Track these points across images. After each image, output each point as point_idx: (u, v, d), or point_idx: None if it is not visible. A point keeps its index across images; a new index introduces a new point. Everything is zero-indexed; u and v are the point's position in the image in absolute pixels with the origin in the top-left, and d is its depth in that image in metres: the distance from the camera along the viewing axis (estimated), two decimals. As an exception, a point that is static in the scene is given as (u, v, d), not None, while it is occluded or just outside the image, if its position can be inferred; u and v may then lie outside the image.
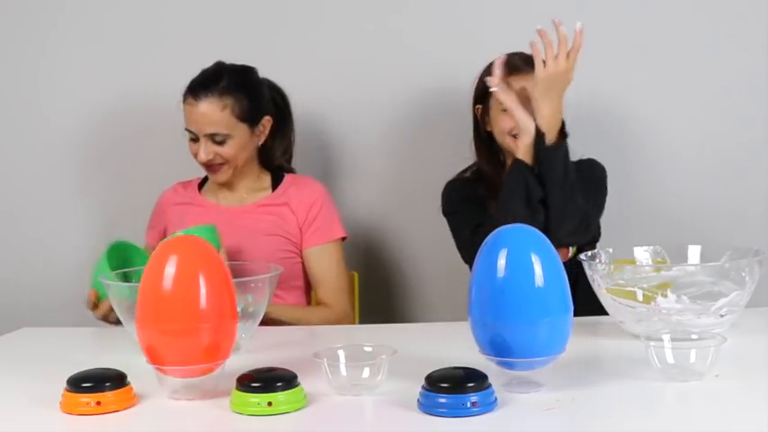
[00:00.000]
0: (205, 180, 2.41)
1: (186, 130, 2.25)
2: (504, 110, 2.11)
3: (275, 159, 2.40)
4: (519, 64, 2.13)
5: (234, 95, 2.22)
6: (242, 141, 2.25)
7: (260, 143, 2.32)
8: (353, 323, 2.36)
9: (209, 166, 2.27)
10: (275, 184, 2.36)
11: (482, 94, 2.18)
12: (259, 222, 2.29)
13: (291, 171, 2.44)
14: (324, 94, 2.64)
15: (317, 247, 2.30)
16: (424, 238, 2.57)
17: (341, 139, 2.65)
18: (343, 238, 2.34)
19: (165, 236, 2.31)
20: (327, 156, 2.65)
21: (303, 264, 2.32)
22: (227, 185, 2.34)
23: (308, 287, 2.36)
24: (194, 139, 2.25)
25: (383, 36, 2.61)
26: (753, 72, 2.52)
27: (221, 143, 2.23)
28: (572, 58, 2.01)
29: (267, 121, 2.30)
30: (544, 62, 2.00)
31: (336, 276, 2.30)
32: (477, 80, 2.21)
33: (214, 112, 2.20)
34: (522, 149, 2.05)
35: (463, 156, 2.29)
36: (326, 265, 2.30)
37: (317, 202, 2.32)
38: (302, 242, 2.31)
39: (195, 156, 2.26)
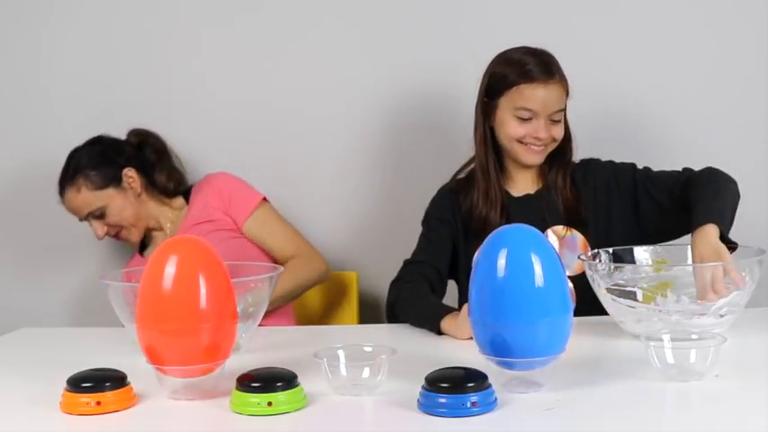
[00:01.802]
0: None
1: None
2: (523, 117, 2.07)
3: (169, 190, 2.46)
4: (534, 71, 2.07)
5: (81, 174, 2.36)
6: (118, 203, 2.37)
7: (138, 192, 2.40)
8: (329, 269, 2.42)
9: (115, 238, 2.42)
10: (187, 198, 2.46)
11: (492, 88, 2.12)
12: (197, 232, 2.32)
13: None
14: (322, 94, 2.64)
15: (250, 218, 2.38)
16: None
17: (340, 139, 2.65)
18: (264, 199, 2.41)
19: None
20: (326, 157, 2.65)
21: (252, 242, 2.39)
22: (150, 236, 2.46)
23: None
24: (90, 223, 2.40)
25: (377, 36, 2.61)
26: (753, 72, 2.52)
27: (102, 216, 2.37)
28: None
29: (129, 171, 2.39)
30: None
31: (282, 230, 2.39)
32: (487, 69, 2.15)
33: (74, 198, 2.37)
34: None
35: (460, 157, 2.28)
36: (266, 225, 2.38)
37: (224, 185, 2.41)
38: (236, 223, 2.38)
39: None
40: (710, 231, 1.83)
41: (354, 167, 2.66)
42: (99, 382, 1.44)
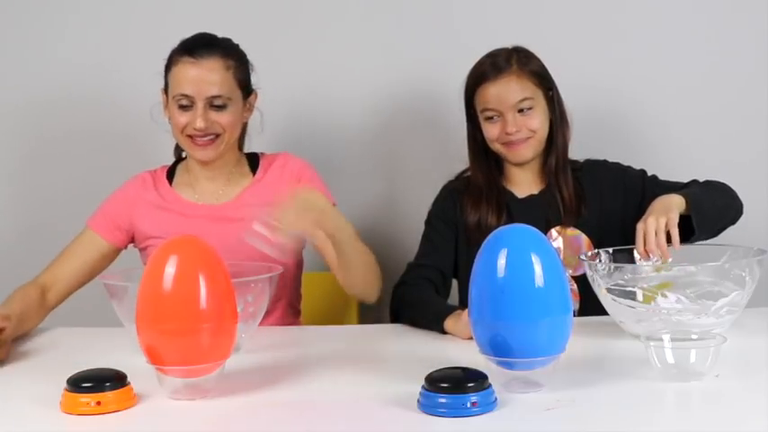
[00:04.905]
0: (172, 172, 2.21)
1: (176, 96, 2.05)
2: (489, 117, 2.10)
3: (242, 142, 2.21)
4: (486, 71, 2.10)
5: (234, 58, 2.08)
6: (237, 111, 2.08)
7: (245, 121, 2.14)
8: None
9: (199, 138, 2.06)
10: (252, 167, 2.19)
11: (466, 98, 2.16)
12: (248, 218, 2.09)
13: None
14: (322, 92, 2.64)
15: None
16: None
17: (338, 138, 2.65)
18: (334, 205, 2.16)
19: (129, 236, 2.17)
20: (326, 155, 2.65)
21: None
22: (208, 170, 2.14)
23: (298, 279, 2.27)
24: (185, 107, 2.05)
25: (375, 35, 2.62)
26: (753, 72, 2.52)
27: (221, 108, 2.04)
28: None
29: (254, 98, 2.14)
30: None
31: None
32: (466, 79, 2.16)
33: (218, 71, 2.03)
34: None
35: (459, 157, 2.28)
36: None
37: (304, 172, 2.17)
38: None
39: (182, 129, 2.05)
40: (673, 197, 1.90)
41: (352, 167, 2.66)
42: (99, 382, 1.44)
